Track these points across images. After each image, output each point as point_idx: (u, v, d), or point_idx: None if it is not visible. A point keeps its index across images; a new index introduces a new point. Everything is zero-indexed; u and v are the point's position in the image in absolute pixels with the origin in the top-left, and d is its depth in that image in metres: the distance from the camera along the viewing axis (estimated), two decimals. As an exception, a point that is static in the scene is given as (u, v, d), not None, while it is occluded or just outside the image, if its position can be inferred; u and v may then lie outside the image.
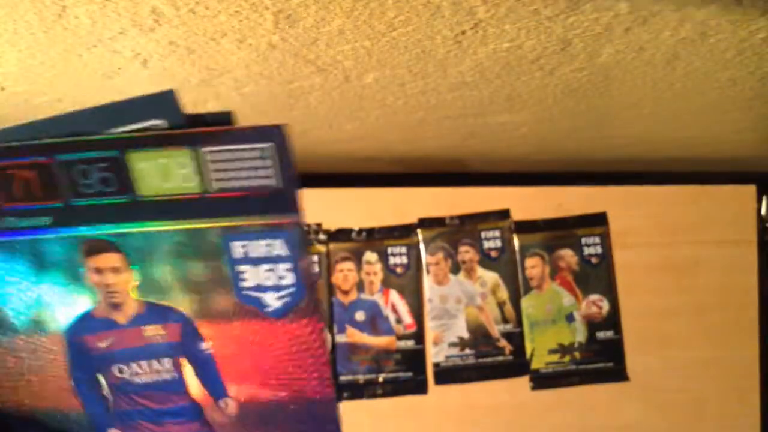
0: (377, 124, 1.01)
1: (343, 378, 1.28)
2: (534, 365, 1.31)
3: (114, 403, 0.35)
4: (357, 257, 1.30)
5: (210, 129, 0.31)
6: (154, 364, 0.35)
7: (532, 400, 1.30)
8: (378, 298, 1.29)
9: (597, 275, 1.32)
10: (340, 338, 1.28)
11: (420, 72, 0.76)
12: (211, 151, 0.31)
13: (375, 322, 1.29)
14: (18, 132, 0.32)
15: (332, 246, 1.29)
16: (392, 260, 1.30)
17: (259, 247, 0.33)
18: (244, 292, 0.33)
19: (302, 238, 0.33)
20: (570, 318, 1.32)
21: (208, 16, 0.59)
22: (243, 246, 0.33)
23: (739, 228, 1.36)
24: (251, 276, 0.33)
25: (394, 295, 1.30)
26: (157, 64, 0.70)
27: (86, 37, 0.63)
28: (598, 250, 1.32)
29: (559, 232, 1.33)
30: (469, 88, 0.83)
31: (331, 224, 1.29)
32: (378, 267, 1.30)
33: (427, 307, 1.30)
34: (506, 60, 0.73)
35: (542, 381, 1.30)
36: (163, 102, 0.32)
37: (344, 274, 1.29)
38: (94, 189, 0.32)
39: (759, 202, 1.37)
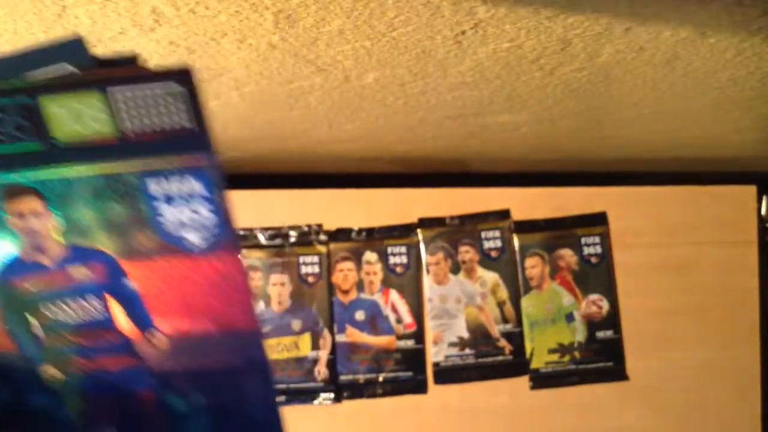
0: (377, 124, 1.01)
1: (343, 377, 1.28)
2: (534, 365, 1.31)
3: (47, 342, 0.37)
4: (357, 257, 1.30)
5: (118, 71, 0.32)
6: (82, 303, 0.36)
7: (532, 399, 1.30)
8: (378, 297, 1.29)
9: (597, 275, 1.32)
10: (340, 338, 1.28)
11: (420, 72, 0.76)
12: (122, 94, 0.32)
13: (375, 321, 1.29)
14: None
15: (332, 246, 1.29)
16: (392, 260, 1.30)
17: (177, 186, 0.34)
18: (165, 231, 0.35)
19: (219, 177, 0.34)
20: (570, 318, 1.32)
21: (208, 16, 0.59)
22: (161, 186, 0.34)
23: (739, 228, 1.36)
24: (171, 215, 0.34)
25: (394, 295, 1.30)
26: (158, 64, 0.70)
27: (86, 37, 0.63)
28: (598, 250, 1.33)
29: (558, 232, 1.33)
30: (469, 88, 0.83)
31: (331, 224, 1.29)
32: (378, 267, 1.30)
33: (427, 307, 1.30)
34: (506, 60, 0.73)
35: (542, 381, 1.30)
36: (72, 47, 0.33)
37: (344, 273, 1.29)
38: (9, 135, 0.33)
39: (759, 202, 1.37)
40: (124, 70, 0.32)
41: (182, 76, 0.32)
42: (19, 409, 0.37)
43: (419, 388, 1.29)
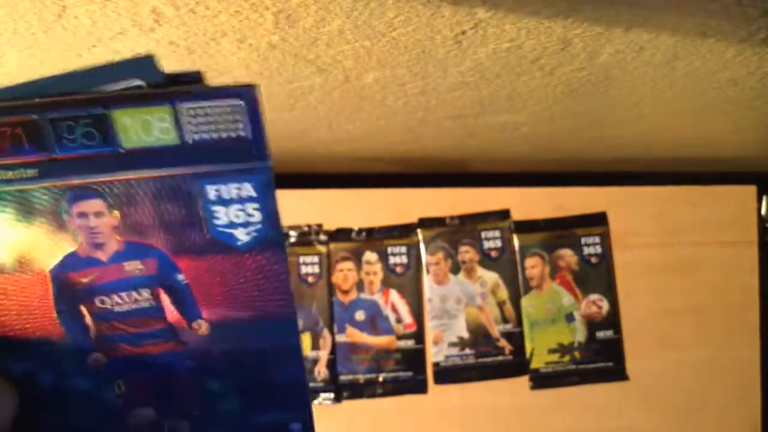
0: (377, 124, 1.01)
1: (343, 377, 1.28)
2: (534, 365, 1.31)
3: (96, 330, 0.39)
4: (357, 257, 1.30)
5: (187, 87, 0.35)
6: (133, 294, 0.39)
7: (532, 400, 1.30)
8: (378, 297, 1.29)
9: (597, 275, 1.32)
10: (340, 338, 1.28)
11: (420, 72, 0.76)
12: (189, 108, 0.35)
13: (375, 321, 1.29)
14: (2, 93, 0.35)
15: (332, 246, 1.29)
16: (392, 260, 1.30)
17: (231, 189, 0.37)
18: (218, 229, 0.37)
19: (269, 181, 0.37)
20: (570, 318, 1.32)
21: (208, 16, 0.59)
22: (216, 189, 0.37)
23: (739, 228, 1.36)
24: (223, 215, 0.37)
25: (394, 295, 1.30)
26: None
27: (86, 37, 0.63)
28: (598, 250, 1.33)
29: (559, 232, 1.33)
30: (469, 88, 0.83)
31: (331, 224, 1.29)
32: (378, 267, 1.30)
33: (427, 307, 1.30)
34: (506, 60, 0.73)
35: (542, 381, 1.30)
36: (143, 65, 0.36)
37: (344, 273, 1.29)
38: (78, 143, 0.35)
39: (759, 202, 1.37)
40: (194, 87, 0.35)
41: (246, 93, 0.35)
42: (63, 391, 0.39)
43: (419, 388, 1.29)
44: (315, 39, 0.65)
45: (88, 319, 0.39)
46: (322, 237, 1.29)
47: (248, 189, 0.37)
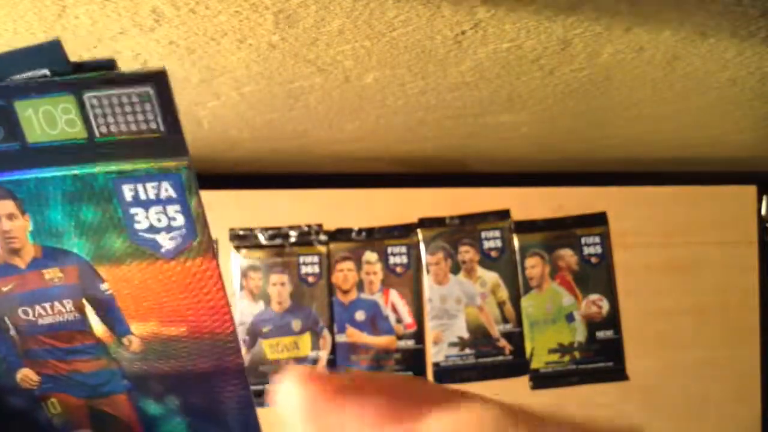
0: (377, 124, 1.01)
1: (343, 378, 1.28)
2: (534, 365, 1.31)
3: (22, 344, 0.37)
4: (357, 257, 1.30)
5: (89, 75, 0.32)
6: (56, 305, 0.36)
7: (532, 400, 1.30)
8: (378, 297, 1.29)
9: (597, 275, 1.32)
10: (340, 338, 1.28)
11: (420, 72, 0.76)
12: (92, 96, 0.32)
13: (375, 321, 1.29)
14: None
15: (332, 246, 1.29)
16: (392, 260, 1.30)
17: (149, 190, 0.34)
18: (139, 234, 0.35)
19: (190, 180, 0.34)
20: (570, 318, 1.32)
21: (208, 16, 0.59)
22: (132, 189, 0.34)
23: (739, 228, 1.36)
24: (143, 218, 0.34)
25: (394, 295, 1.30)
26: (157, 64, 0.70)
27: (86, 37, 0.63)
28: (598, 250, 1.33)
29: (558, 232, 1.33)
30: (469, 88, 0.83)
31: (331, 224, 1.29)
32: (378, 267, 1.30)
33: (427, 307, 1.30)
34: (506, 60, 0.73)
35: (542, 381, 1.30)
36: (49, 51, 0.33)
37: (344, 273, 1.29)
38: None
39: (759, 202, 1.37)
40: (98, 75, 0.32)
41: (155, 79, 0.32)
42: (2, 410, 0.37)
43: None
44: (315, 39, 0.65)
45: (12, 332, 0.37)
46: (322, 237, 1.29)
47: (167, 189, 0.34)
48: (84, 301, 0.36)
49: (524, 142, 1.15)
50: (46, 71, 0.33)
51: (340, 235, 1.30)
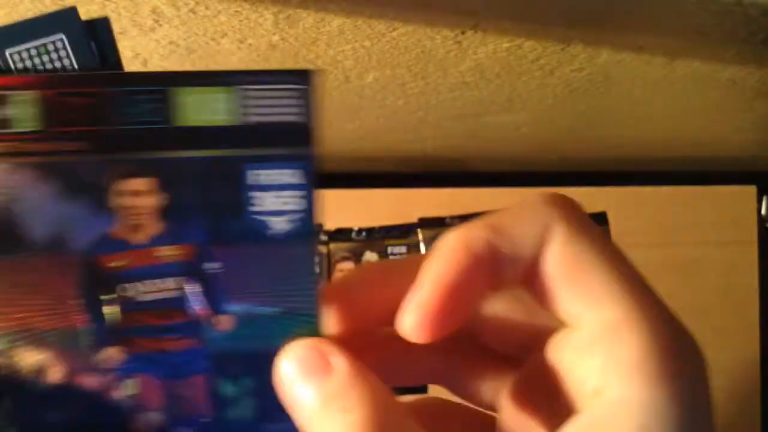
0: (377, 124, 1.01)
1: (343, 378, 1.28)
2: (534, 365, 1.30)
3: (115, 322, 0.36)
4: (357, 257, 1.29)
5: (249, 70, 0.35)
6: (160, 283, 0.37)
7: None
8: (378, 298, 1.29)
9: (597, 275, 1.32)
10: (340, 338, 1.28)
11: (420, 72, 0.76)
12: (248, 89, 0.35)
13: (375, 322, 1.29)
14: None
15: (332, 246, 1.29)
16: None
17: (273, 175, 0.35)
18: (255, 216, 0.36)
19: (315, 169, 0.36)
20: (570, 318, 1.31)
21: (208, 16, 0.59)
22: (257, 174, 0.35)
23: (739, 228, 1.36)
24: (262, 201, 0.36)
25: (394, 295, 1.29)
26: (157, 64, 0.70)
27: (86, 37, 0.63)
28: (598, 250, 1.32)
29: (559, 232, 1.32)
30: (469, 88, 0.83)
31: (331, 224, 1.29)
32: (378, 267, 1.30)
33: (427, 307, 1.30)
34: (506, 60, 0.73)
35: (542, 381, 1.30)
36: (65, 17, 0.34)
37: (344, 274, 1.29)
38: (130, 119, 0.34)
39: (759, 202, 1.36)
40: (256, 69, 0.35)
41: (308, 77, 0.35)
42: (69, 390, 0.36)
43: (419, 387, 1.28)
44: (315, 39, 0.65)
45: (107, 309, 0.37)
46: (322, 237, 1.29)
47: (292, 176, 0.36)
48: (190, 279, 0.37)
49: (524, 142, 1.15)
50: (61, 35, 0.35)
51: (339, 235, 1.30)
